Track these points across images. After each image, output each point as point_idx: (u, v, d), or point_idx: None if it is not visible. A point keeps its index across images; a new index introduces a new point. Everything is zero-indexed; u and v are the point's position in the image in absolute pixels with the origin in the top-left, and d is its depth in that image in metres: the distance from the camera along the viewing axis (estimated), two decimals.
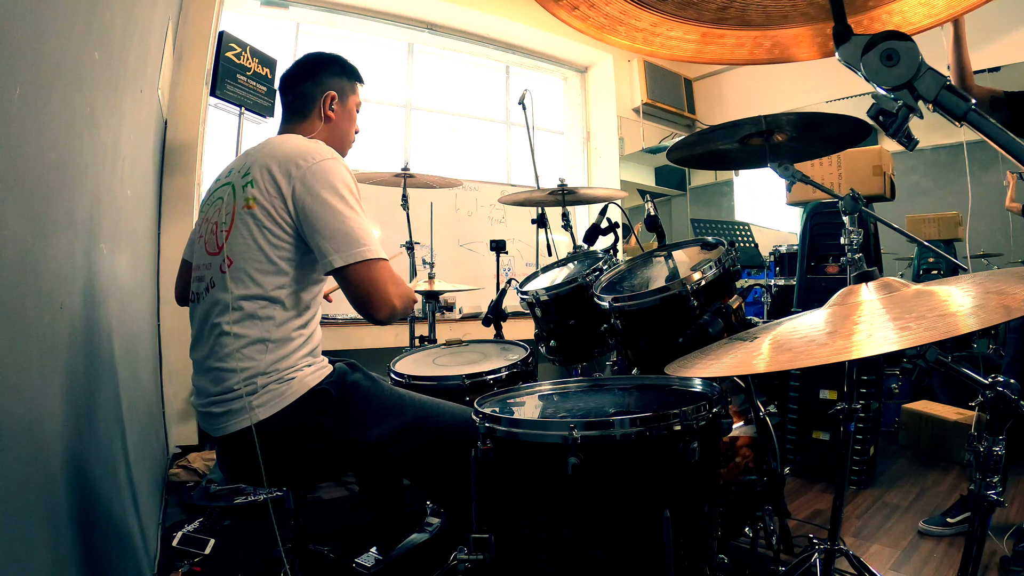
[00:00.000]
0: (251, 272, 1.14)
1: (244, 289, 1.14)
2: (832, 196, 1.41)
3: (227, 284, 1.14)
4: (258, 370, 1.13)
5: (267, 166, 1.16)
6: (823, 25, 0.80)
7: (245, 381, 1.12)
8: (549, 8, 0.77)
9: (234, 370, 1.12)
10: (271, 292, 1.14)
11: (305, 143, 1.22)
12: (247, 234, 1.15)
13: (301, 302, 1.19)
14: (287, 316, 1.16)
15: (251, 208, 1.15)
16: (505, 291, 2.00)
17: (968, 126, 0.58)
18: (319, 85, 1.35)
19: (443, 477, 1.25)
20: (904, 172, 3.19)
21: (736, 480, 1.38)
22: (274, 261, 1.15)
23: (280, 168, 1.15)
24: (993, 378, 0.81)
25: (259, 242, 1.14)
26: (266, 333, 1.14)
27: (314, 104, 1.34)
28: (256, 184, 1.16)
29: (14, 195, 0.69)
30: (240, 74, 2.81)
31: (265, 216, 1.14)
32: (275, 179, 1.15)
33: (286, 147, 1.19)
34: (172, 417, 2.74)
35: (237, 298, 1.13)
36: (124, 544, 1.27)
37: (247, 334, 1.13)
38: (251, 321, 1.13)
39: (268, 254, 1.14)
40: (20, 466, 0.69)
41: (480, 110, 4.80)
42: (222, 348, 1.13)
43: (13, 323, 0.69)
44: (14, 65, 0.68)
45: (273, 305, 1.15)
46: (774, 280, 3.19)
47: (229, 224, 1.17)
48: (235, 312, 1.13)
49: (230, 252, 1.15)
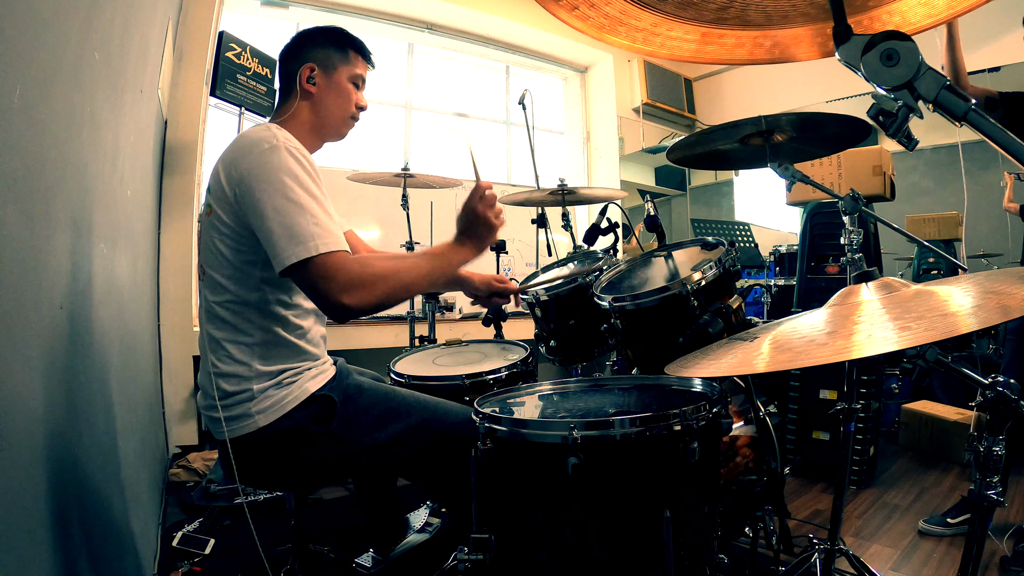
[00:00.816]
0: (220, 279, 1.12)
1: (217, 296, 1.13)
2: (832, 196, 1.41)
3: (203, 292, 1.14)
4: (250, 374, 1.12)
5: (217, 170, 1.13)
6: (823, 25, 0.80)
7: (238, 386, 1.11)
8: (549, 8, 0.77)
9: (225, 375, 1.11)
10: (244, 297, 1.12)
11: (251, 136, 1.10)
12: (210, 241, 1.13)
13: (282, 304, 1.15)
14: (269, 321, 1.14)
15: (210, 215, 1.13)
16: None
17: (968, 126, 0.58)
18: (298, 60, 1.24)
19: (446, 476, 1.24)
20: (904, 172, 3.19)
21: (736, 480, 1.38)
22: (238, 266, 1.12)
23: (225, 171, 1.10)
24: (993, 378, 0.81)
25: (221, 248, 1.12)
26: (250, 338, 1.12)
27: (293, 81, 1.24)
28: (211, 190, 1.14)
29: (14, 195, 0.69)
30: (240, 74, 2.81)
31: (220, 222, 1.11)
32: (223, 183, 1.10)
33: (233, 146, 1.13)
34: (172, 417, 2.74)
35: (213, 304, 1.13)
36: (124, 544, 1.27)
37: (232, 339, 1.12)
38: (231, 328, 1.12)
39: (231, 259, 1.12)
40: (20, 466, 0.69)
41: (480, 110, 4.81)
42: (212, 353, 1.13)
43: (13, 323, 0.69)
44: (14, 65, 0.68)
45: (249, 309, 1.12)
46: (774, 280, 3.19)
47: (200, 232, 1.17)
48: (215, 320, 1.13)
49: (202, 260, 1.15)
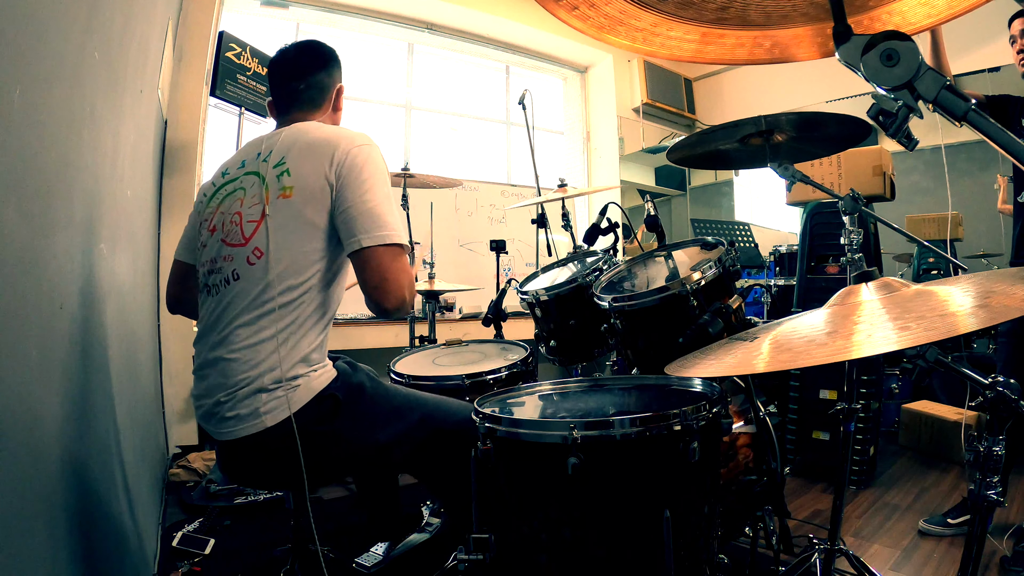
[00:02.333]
0: (283, 263, 1.12)
1: (275, 280, 1.11)
2: (832, 196, 1.41)
3: (257, 274, 1.11)
4: (269, 367, 1.09)
5: (305, 153, 1.15)
6: (823, 25, 0.80)
7: (256, 375, 1.09)
8: (549, 8, 0.77)
9: (246, 362, 1.09)
10: (302, 282, 1.12)
11: (340, 129, 1.22)
12: (282, 224, 1.12)
13: (328, 299, 1.18)
14: (310, 311, 1.14)
15: (288, 197, 1.13)
16: (505, 291, 2.00)
17: (968, 126, 0.58)
18: (331, 77, 1.33)
19: (449, 473, 1.24)
20: (904, 172, 3.19)
21: (736, 480, 1.38)
22: (307, 252, 1.13)
23: (320, 154, 1.14)
24: (993, 378, 0.81)
25: (293, 233, 1.12)
26: (287, 329, 1.11)
27: (327, 95, 1.33)
28: (292, 172, 1.14)
29: (14, 195, 0.69)
30: (240, 74, 2.81)
31: (304, 203, 1.13)
32: (317, 163, 1.13)
33: (323, 132, 1.19)
34: (172, 417, 2.74)
35: (267, 291, 1.11)
36: (124, 544, 1.27)
37: (267, 326, 1.10)
38: (274, 315, 1.10)
39: (303, 245, 1.13)
40: (20, 466, 0.69)
41: (480, 110, 4.81)
42: (237, 340, 1.10)
43: (13, 323, 0.69)
44: (14, 65, 0.68)
45: (302, 298, 1.13)
46: (774, 280, 3.19)
47: (260, 214, 1.14)
48: (261, 305, 1.10)
49: (260, 243, 1.12)
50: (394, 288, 1.11)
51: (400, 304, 1.13)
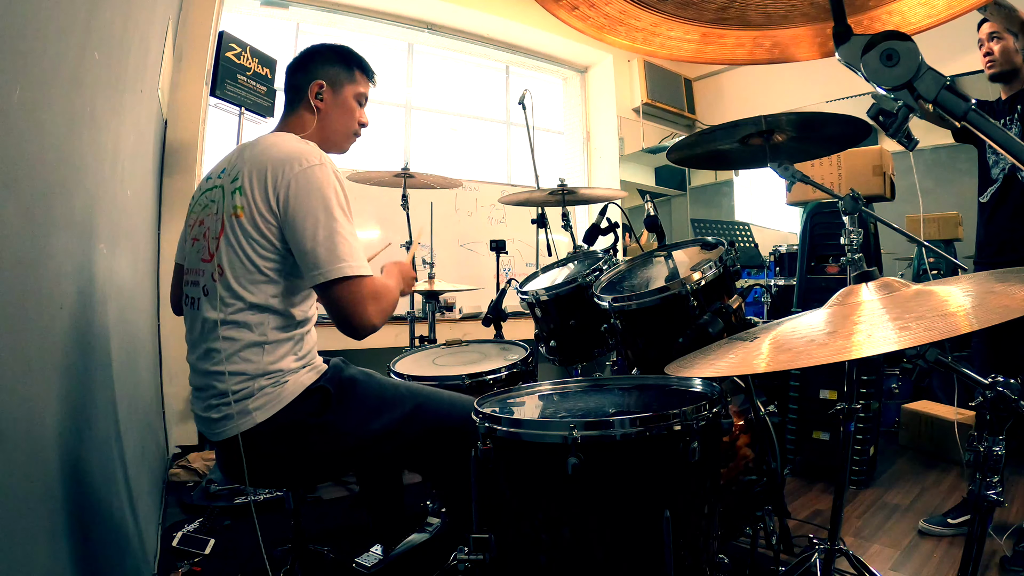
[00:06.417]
0: (241, 282, 1.12)
1: (235, 299, 1.12)
2: (832, 196, 1.41)
3: (219, 293, 1.12)
4: (254, 372, 1.12)
5: (254, 172, 1.13)
6: (823, 25, 0.80)
7: (241, 384, 1.11)
8: (549, 8, 0.77)
9: (230, 374, 1.11)
10: (262, 302, 1.13)
11: (295, 146, 1.16)
12: (235, 243, 1.12)
13: (295, 308, 1.17)
14: (281, 322, 1.15)
15: (239, 216, 1.12)
16: (505, 291, 2.00)
17: (968, 126, 0.58)
18: (308, 74, 1.30)
19: (445, 465, 1.25)
20: (904, 172, 3.19)
21: (736, 480, 1.38)
22: (263, 272, 1.12)
23: (267, 175, 1.12)
24: (993, 378, 0.81)
25: (247, 252, 1.12)
26: (261, 337, 1.13)
27: (301, 94, 1.30)
28: (243, 191, 1.13)
29: (14, 195, 0.69)
30: (240, 74, 2.81)
31: (252, 226, 1.11)
32: (263, 187, 1.11)
33: (274, 151, 1.15)
34: (172, 417, 2.74)
35: (228, 308, 1.12)
36: (124, 544, 1.27)
37: (242, 338, 1.12)
38: (244, 328, 1.12)
39: (257, 264, 1.12)
40: (20, 466, 0.69)
41: (480, 110, 4.81)
42: (218, 353, 1.12)
43: (13, 323, 0.69)
44: (14, 65, 0.68)
45: (263, 313, 1.13)
46: (774, 280, 3.19)
47: (219, 231, 1.14)
48: (227, 324, 1.12)
49: (220, 261, 1.13)
50: (358, 321, 1.11)
51: (370, 331, 1.13)
